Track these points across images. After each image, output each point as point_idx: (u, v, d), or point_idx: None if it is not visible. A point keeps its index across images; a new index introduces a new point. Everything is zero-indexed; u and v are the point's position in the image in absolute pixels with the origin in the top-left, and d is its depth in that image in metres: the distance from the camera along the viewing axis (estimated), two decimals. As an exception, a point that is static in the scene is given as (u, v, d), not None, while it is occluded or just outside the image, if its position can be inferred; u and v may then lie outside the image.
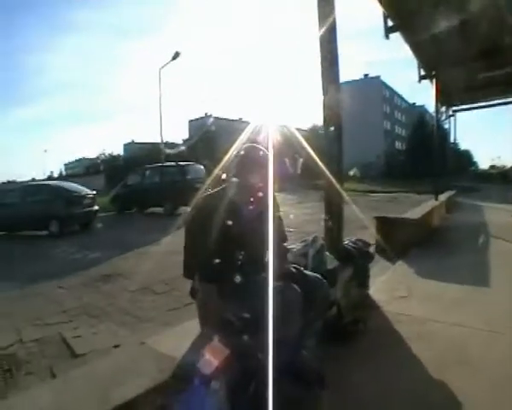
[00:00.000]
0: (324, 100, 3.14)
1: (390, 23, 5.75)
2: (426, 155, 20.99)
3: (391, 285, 3.75)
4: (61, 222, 10.10)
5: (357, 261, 2.93)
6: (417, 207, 7.43)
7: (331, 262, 2.53)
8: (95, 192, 11.98)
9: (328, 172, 3.06)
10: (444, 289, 3.57)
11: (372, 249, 3.43)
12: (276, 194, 2.08)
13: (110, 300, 4.39)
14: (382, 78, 59.75)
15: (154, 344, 1.81)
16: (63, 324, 3.70)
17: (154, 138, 29.71)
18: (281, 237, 1.95)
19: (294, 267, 1.91)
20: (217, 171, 1.94)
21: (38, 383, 2.37)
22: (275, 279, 1.66)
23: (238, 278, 1.69)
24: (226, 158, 1.90)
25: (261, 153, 1.77)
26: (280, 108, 3.06)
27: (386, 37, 5.72)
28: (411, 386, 2.00)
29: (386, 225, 5.48)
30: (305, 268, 2.43)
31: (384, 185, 24.36)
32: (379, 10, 5.68)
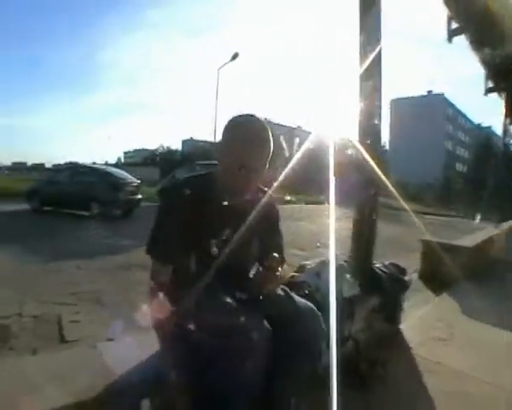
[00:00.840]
0: (361, 110, 2.68)
1: (454, 25, 5.11)
2: (489, 181, 19.39)
3: (429, 323, 3.16)
4: (102, 205, 10.32)
5: (386, 290, 2.44)
6: (473, 234, 6.62)
7: (350, 288, 2.09)
8: (140, 181, 12.16)
9: (361, 185, 2.62)
10: (495, 337, 2.92)
11: (409, 277, 2.89)
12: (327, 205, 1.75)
13: (122, 290, 4.21)
14: (446, 95, 56.99)
15: (105, 350, 1.55)
16: (67, 305, 3.61)
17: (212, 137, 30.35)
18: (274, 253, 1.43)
19: (283, 290, 1.47)
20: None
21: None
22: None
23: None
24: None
25: (262, 128, 1.32)
26: (342, 117, 2.77)
27: (449, 40, 5.08)
28: None
29: (434, 251, 4.86)
30: (318, 290, 2.03)
31: (441, 208, 22.87)
32: (443, 18, 5.08)
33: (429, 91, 58.40)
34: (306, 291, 1.80)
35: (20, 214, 10.89)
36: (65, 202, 10.83)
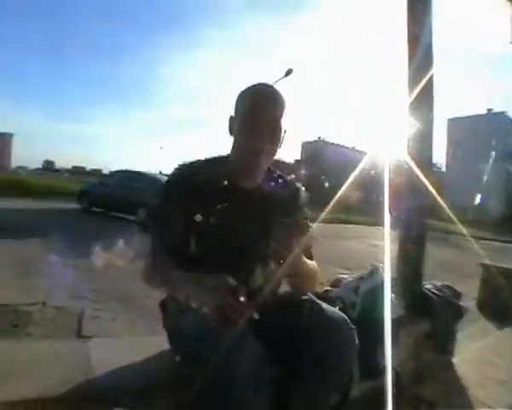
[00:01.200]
0: (415, 130, 2.44)
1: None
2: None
3: (488, 359, 2.70)
4: (148, 211, 10.48)
5: (437, 314, 2.08)
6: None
7: (394, 308, 1.77)
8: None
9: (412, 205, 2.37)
10: None
11: (465, 303, 2.49)
12: (378, 227, 1.54)
13: (152, 293, 4.13)
14: (508, 113, 53.52)
15: (97, 347, 1.43)
16: (92, 301, 3.61)
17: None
18: (300, 252, 1.06)
19: (308, 296, 1.19)
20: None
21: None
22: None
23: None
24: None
25: (274, 92, 1.16)
26: (396, 138, 2.69)
27: (513, 43, 4.55)
28: None
29: (496, 277, 4.33)
30: (353, 308, 1.74)
31: (500, 233, 21.12)
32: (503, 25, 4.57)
33: (489, 110, 55.26)
34: (337, 307, 1.53)
35: (71, 213, 11.56)
36: (112, 204, 11.24)
